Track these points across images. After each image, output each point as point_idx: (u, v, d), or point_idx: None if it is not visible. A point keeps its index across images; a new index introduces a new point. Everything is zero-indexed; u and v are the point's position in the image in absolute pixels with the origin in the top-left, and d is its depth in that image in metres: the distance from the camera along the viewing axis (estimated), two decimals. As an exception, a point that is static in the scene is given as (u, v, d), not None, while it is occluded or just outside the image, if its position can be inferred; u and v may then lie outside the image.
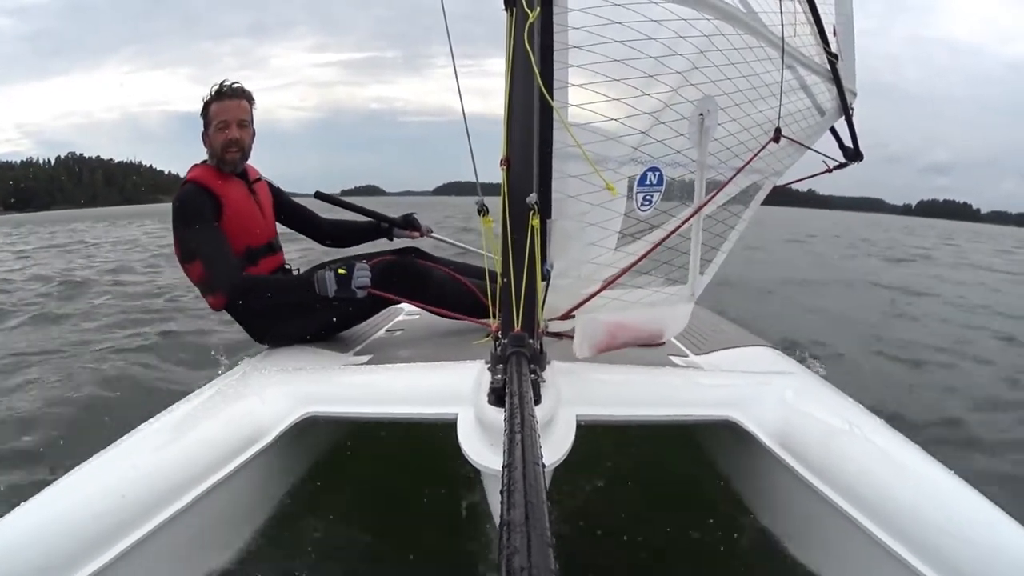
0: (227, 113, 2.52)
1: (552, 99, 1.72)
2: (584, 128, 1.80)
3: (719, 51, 2.06)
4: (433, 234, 3.07)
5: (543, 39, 1.76)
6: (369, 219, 3.03)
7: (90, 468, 1.51)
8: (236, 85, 2.56)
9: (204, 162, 2.61)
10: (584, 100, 1.79)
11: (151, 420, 1.77)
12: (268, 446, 1.68)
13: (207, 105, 2.54)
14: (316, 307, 2.41)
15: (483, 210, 2.00)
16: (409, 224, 2.99)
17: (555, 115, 1.76)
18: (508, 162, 1.74)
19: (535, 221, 1.66)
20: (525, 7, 1.67)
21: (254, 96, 2.62)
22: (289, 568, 1.68)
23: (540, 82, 1.66)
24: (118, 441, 1.64)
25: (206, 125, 2.56)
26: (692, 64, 1.99)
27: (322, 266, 2.59)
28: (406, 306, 3.22)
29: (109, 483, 1.45)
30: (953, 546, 1.28)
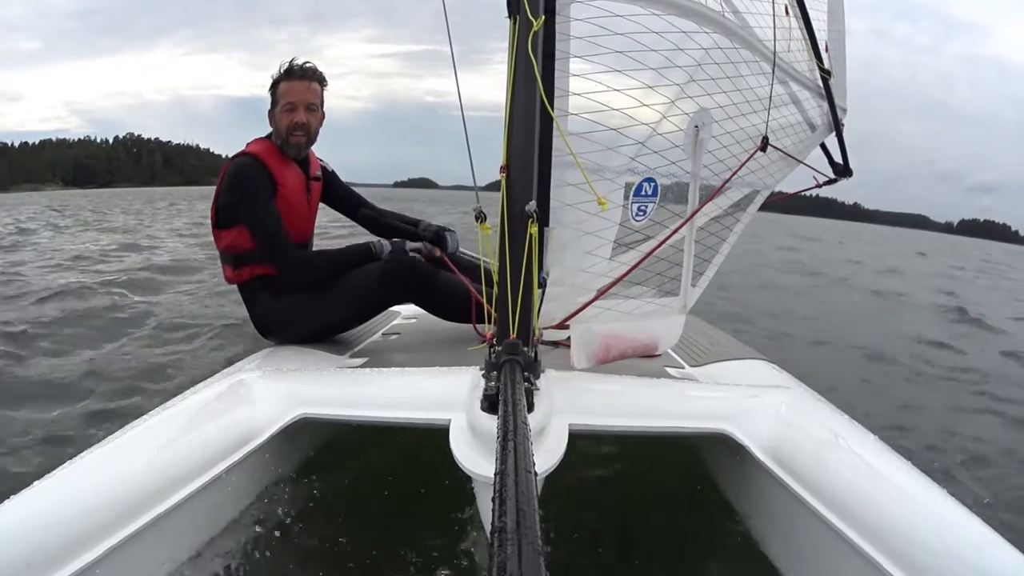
0: (295, 94, 2.45)
1: (552, 108, 1.72)
2: (583, 137, 1.80)
3: (716, 64, 2.08)
4: (461, 251, 2.88)
5: (545, 47, 1.77)
6: (410, 226, 2.91)
7: (80, 464, 1.49)
8: (308, 65, 2.48)
9: (268, 136, 2.55)
10: (583, 109, 1.80)
11: (144, 417, 1.75)
12: (260, 447, 1.67)
13: (276, 83, 2.48)
14: (328, 298, 2.44)
15: (481, 217, 2.00)
16: (437, 241, 2.78)
17: (555, 122, 1.76)
18: (508, 169, 1.74)
19: (534, 229, 1.66)
20: (529, 15, 1.67)
21: (326, 78, 2.54)
22: (280, 570, 1.66)
23: (542, 91, 1.66)
24: (109, 438, 1.62)
25: (273, 103, 2.50)
26: (690, 76, 2.01)
27: None
28: (403, 309, 3.22)
29: (98, 480, 1.43)
30: (944, 566, 1.28)
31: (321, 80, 2.52)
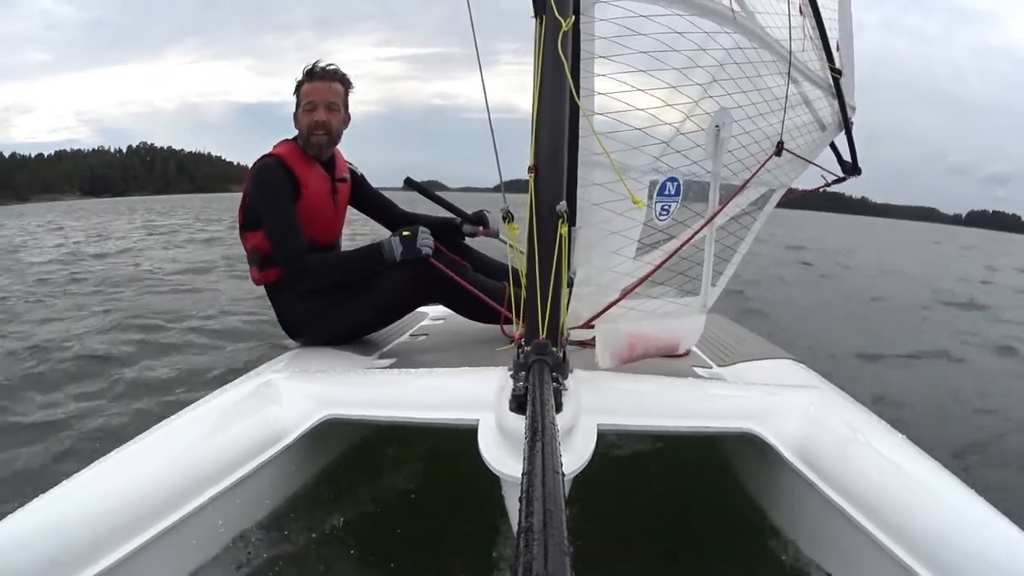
0: (316, 94, 2.47)
1: (582, 107, 1.72)
2: (609, 137, 1.80)
3: (736, 64, 2.09)
4: (501, 236, 2.86)
5: (572, 47, 1.77)
6: (444, 216, 2.93)
7: (109, 463, 1.49)
8: (331, 67, 2.50)
9: (295, 139, 2.56)
10: (608, 109, 1.80)
11: (172, 417, 1.75)
12: (288, 447, 1.67)
13: (299, 85, 2.51)
14: (355, 299, 2.43)
15: (508, 217, 1.99)
16: (479, 220, 2.86)
17: (582, 123, 1.77)
18: (536, 169, 1.74)
19: (564, 229, 1.65)
20: (557, 15, 1.67)
21: (350, 80, 2.56)
22: (307, 570, 1.65)
23: (573, 88, 1.66)
24: (138, 438, 1.62)
25: (296, 105, 2.52)
26: (712, 77, 2.02)
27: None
28: (431, 310, 3.21)
29: (126, 480, 1.44)
30: (974, 568, 1.28)
31: (343, 80, 2.53)
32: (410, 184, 2.94)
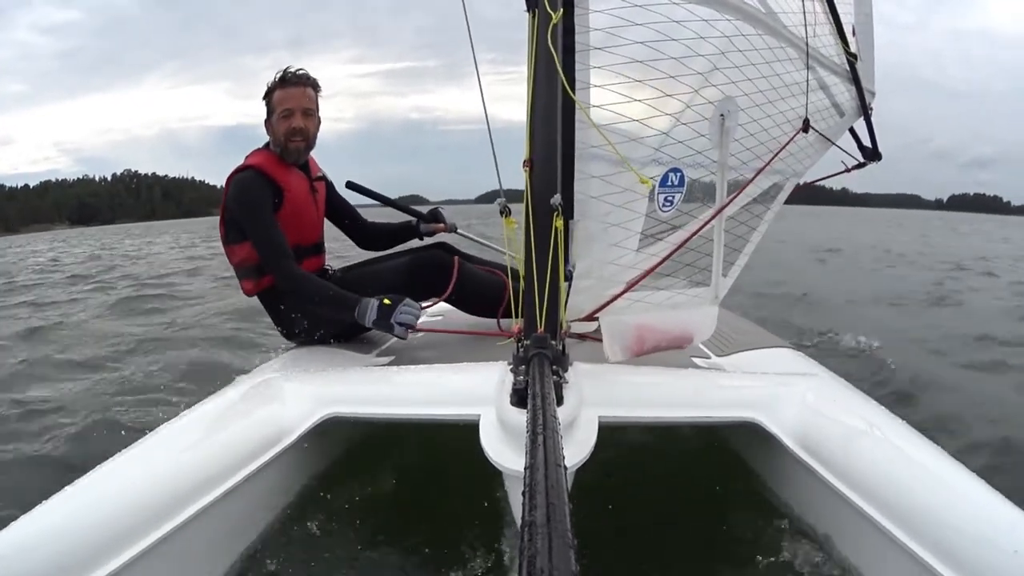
0: (292, 101, 2.46)
1: (576, 99, 1.72)
2: (606, 129, 1.80)
3: (740, 52, 2.06)
4: (459, 230, 3.03)
5: (565, 40, 1.77)
6: (401, 222, 3.00)
7: (111, 467, 1.51)
8: (301, 72, 2.50)
9: (265, 146, 2.56)
10: (605, 101, 1.80)
11: (173, 420, 1.77)
12: (290, 446, 1.68)
13: (270, 91, 2.50)
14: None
15: (505, 211, 1.99)
16: (435, 218, 2.95)
17: (579, 115, 1.76)
18: (531, 163, 1.74)
19: (559, 222, 1.65)
20: (548, 8, 1.67)
21: (320, 84, 2.55)
22: (310, 568, 1.67)
23: (565, 81, 1.66)
24: (139, 440, 1.64)
25: (269, 112, 2.51)
26: (713, 65, 1.99)
27: (369, 262, 2.68)
28: (430, 307, 3.23)
29: (129, 482, 1.45)
30: (977, 551, 1.26)
31: (315, 85, 2.53)
32: (353, 187, 2.97)
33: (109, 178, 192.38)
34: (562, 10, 1.69)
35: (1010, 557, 1.23)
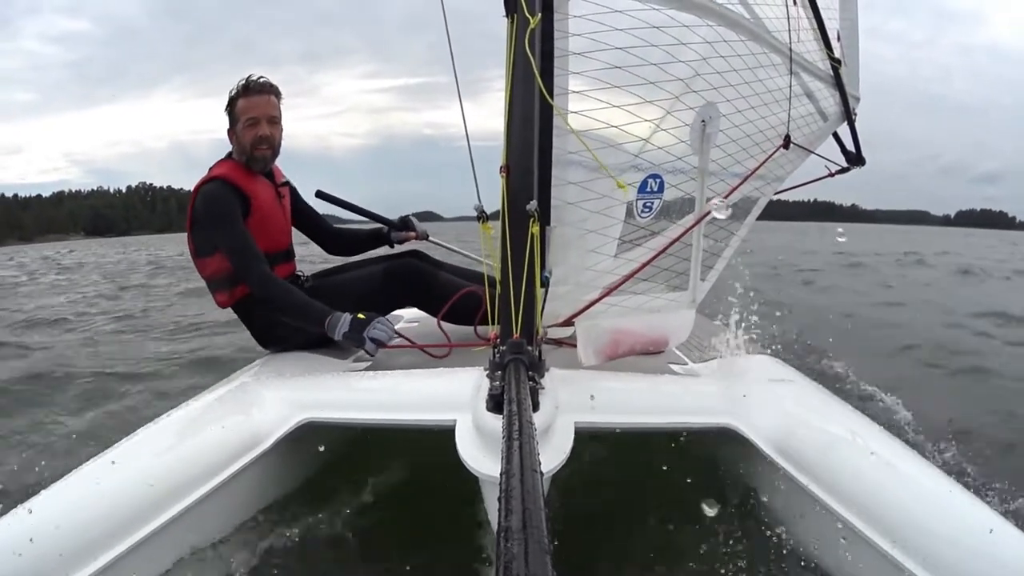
0: (256, 109, 2.43)
1: (554, 103, 1.71)
2: (585, 135, 1.79)
3: (722, 57, 2.05)
4: (431, 238, 3.02)
5: (543, 45, 1.76)
6: (371, 228, 3.00)
7: (84, 472, 1.50)
8: (263, 80, 2.48)
9: (229, 155, 2.54)
10: (584, 107, 1.79)
11: (148, 425, 1.76)
12: (266, 452, 1.67)
13: (233, 101, 2.48)
14: (328, 305, 2.32)
15: (482, 216, 1.99)
16: (405, 225, 2.94)
17: (556, 120, 1.76)
18: (508, 169, 1.73)
19: (535, 228, 1.65)
20: (526, 13, 1.66)
21: (282, 92, 2.52)
22: (288, 573, 1.67)
23: (542, 86, 1.65)
24: (114, 445, 1.63)
25: (233, 122, 2.48)
26: (694, 71, 1.99)
27: (342, 269, 2.64)
28: (405, 313, 3.20)
29: (103, 488, 1.44)
30: (954, 555, 1.29)
31: (278, 93, 2.51)
32: (323, 197, 2.95)
33: (124, 190, 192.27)
34: (540, 15, 1.67)
35: (986, 560, 1.26)
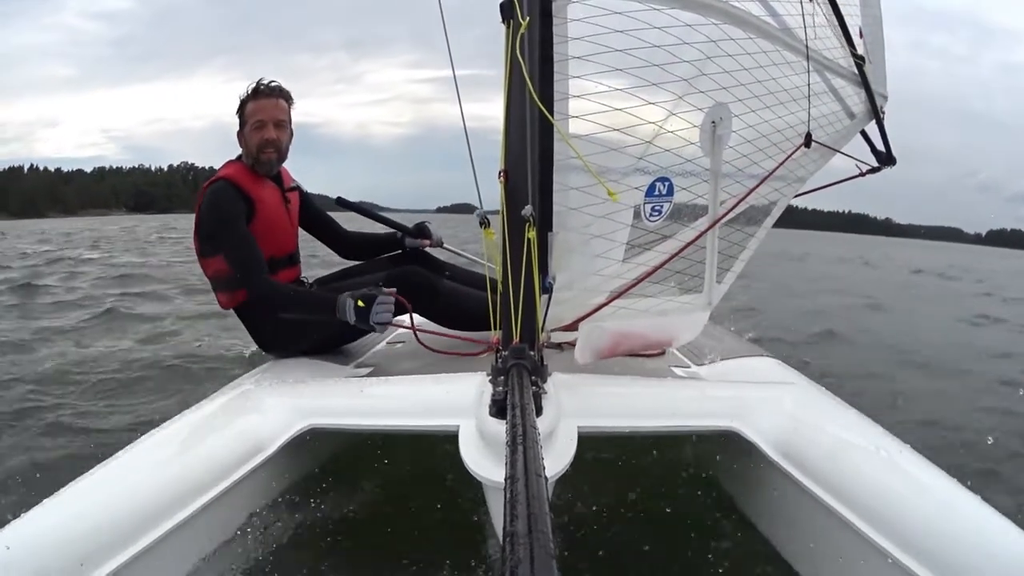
0: (264, 112, 2.47)
1: (550, 110, 1.71)
2: (586, 140, 1.78)
3: (729, 56, 2.02)
4: (445, 245, 3.03)
5: (543, 51, 1.76)
6: (384, 232, 3.01)
7: (88, 481, 1.51)
8: (274, 84, 2.52)
9: (239, 158, 2.58)
10: (586, 111, 1.78)
11: (151, 432, 1.77)
12: (270, 458, 1.68)
13: (243, 103, 2.52)
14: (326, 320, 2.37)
15: (484, 222, 1.99)
16: (421, 232, 2.94)
17: (555, 126, 1.75)
18: (506, 174, 1.73)
19: (531, 233, 1.64)
20: (520, 18, 1.67)
21: (293, 96, 2.57)
22: (293, 581, 1.68)
23: (533, 92, 1.65)
24: (117, 454, 1.64)
25: (242, 124, 2.53)
26: (699, 70, 1.96)
27: (344, 275, 2.67)
28: (407, 319, 3.23)
29: (107, 496, 1.45)
30: (961, 558, 1.26)
31: (288, 98, 2.54)
32: (343, 204, 2.99)
33: (165, 168, 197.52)
34: (528, 18, 1.68)
35: (993, 562, 1.24)
